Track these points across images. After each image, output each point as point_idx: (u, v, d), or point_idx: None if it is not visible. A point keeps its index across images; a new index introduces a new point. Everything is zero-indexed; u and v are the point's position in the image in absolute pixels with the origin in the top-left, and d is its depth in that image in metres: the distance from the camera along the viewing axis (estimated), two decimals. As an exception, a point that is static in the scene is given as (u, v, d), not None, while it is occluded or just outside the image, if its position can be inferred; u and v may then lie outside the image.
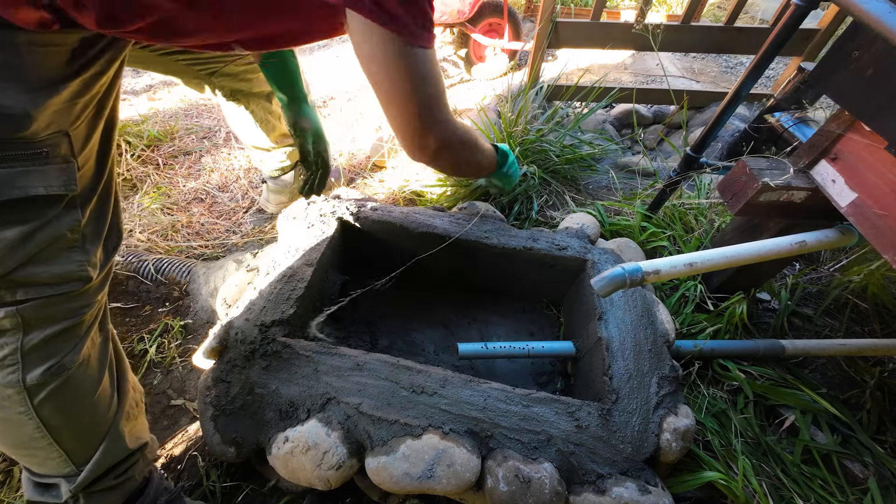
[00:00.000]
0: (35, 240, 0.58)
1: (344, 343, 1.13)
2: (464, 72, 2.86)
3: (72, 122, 0.59)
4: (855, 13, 0.70)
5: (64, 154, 0.59)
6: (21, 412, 0.64)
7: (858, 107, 0.82)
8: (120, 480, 0.76)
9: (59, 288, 0.62)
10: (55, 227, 0.60)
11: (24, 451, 0.69)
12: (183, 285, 1.32)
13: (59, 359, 0.65)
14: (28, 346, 0.62)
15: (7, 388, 0.63)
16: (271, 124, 1.34)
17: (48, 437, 0.67)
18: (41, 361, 0.64)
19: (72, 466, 0.71)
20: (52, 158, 0.57)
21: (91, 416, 0.72)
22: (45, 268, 0.60)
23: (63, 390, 0.67)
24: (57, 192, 0.58)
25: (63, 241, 0.61)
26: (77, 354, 0.67)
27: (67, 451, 0.70)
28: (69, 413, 0.69)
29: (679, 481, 0.92)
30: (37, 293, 0.60)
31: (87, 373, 0.70)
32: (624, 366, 0.93)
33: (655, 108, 2.53)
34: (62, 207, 0.60)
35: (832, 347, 1.11)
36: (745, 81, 1.14)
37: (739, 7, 1.99)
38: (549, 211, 1.61)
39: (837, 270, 1.39)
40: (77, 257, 0.63)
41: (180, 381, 1.14)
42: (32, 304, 0.60)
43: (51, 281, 0.61)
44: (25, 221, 0.57)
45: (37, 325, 0.62)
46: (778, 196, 0.95)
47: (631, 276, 0.84)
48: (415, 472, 0.76)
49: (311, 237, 1.12)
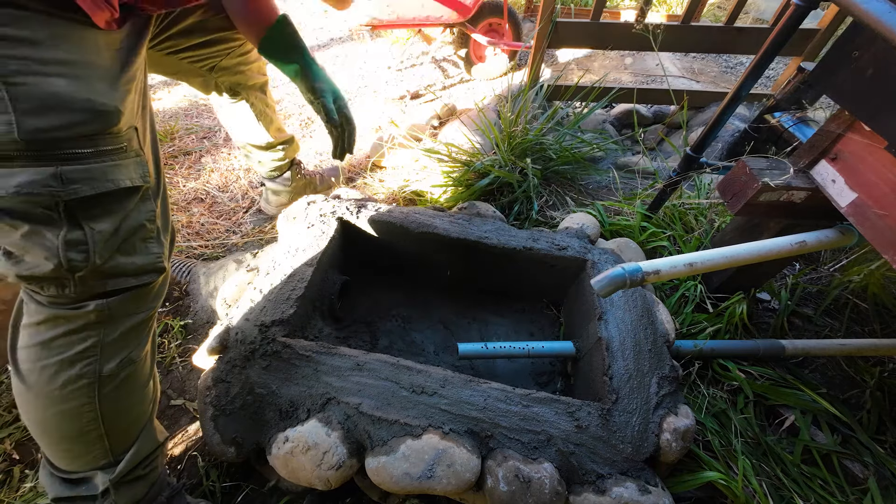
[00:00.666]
0: (122, 230, 0.61)
1: (344, 343, 1.13)
2: (464, 72, 2.86)
3: (136, 115, 0.62)
4: (855, 13, 0.70)
5: (136, 147, 0.62)
6: (84, 403, 0.66)
7: (858, 107, 0.82)
8: (148, 470, 0.78)
9: (141, 279, 0.66)
10: (135, 217, 0.63)
11: (66, 445, 0.70)
12: (183, 285, 1.32)
13: (130, 352, 0.69)
14: (108, 338, 0.65)
15: (82, 379, 0.65)
16: (269, 117, 1.35)
17: (101, 428, 0.69)
18: (116, 354, 0.67)
19: (110, 458, 0.73)
20: (129, 152, 0.61)
21: (140, 408, 0.75)
22: (130, 259, 0.63)
23: (126, 383, 0.70)
24: (137, 184, 0.62)
25: (143, 231, 0.65)
26: (143, 349, 0.71)
27: (111, 442, 0.72)
28: (123, 405, 0.72)
29: (679, 481, 0.92)
30: (123, 284, 0.64)
31: (144, 367, 0.74)
32: (624, 366, 0.93)
33: (655, 108, 2.53)
34: (139, 199, 0.63)
35: (832, 347, 1.11)
36: (745, 81, 1.14)
37: (739, 7, 1.99)
38: (549, 211, 1.61)
39: (837, 270, 1.39)
40: (154, 249, 0.67)
41: (180, 381, 1.14)
42: (118, 298, 0.64)
43: (134, 272, 0.64)
44: (114, 213, 0.60)
45: (119, 319, 0.66)
46: (778, 196, 0.95)
47: (631, 276, 0.84)
48: (415, 472, 0.76)
49: (311, 237, 1.12)
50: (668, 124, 2.41)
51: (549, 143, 1.73)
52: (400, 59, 2.96)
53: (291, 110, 2.33)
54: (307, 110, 2.33)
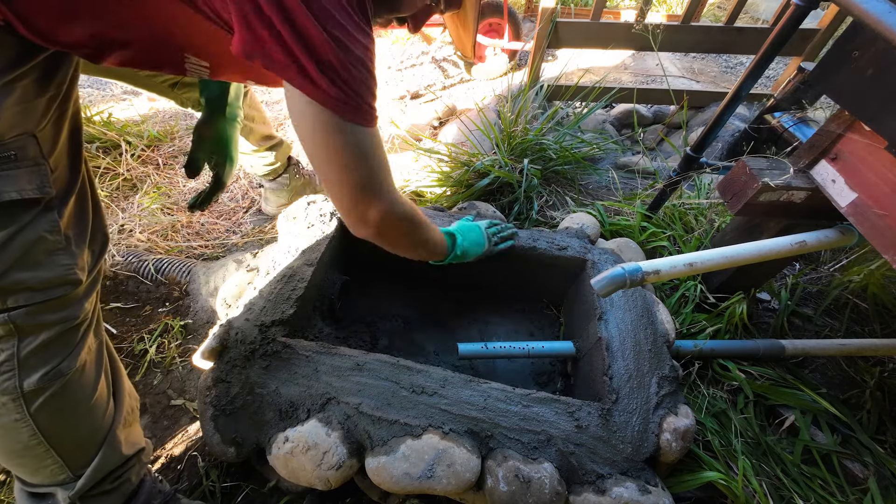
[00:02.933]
0: (14, 245, 0.57)
1: (344, 343, 1.13)
2: (464, 72, 2.86)
3: (36, 123, 0.57)
4: (855, 13, 0.70)
5: (33, 156, 0.57)
6: (16, 419, 0.64)
7: (858, 107, 0.82)
8: (116, 484, 0.76)
9: (49, 293, 0.62)
10: (32, 230, 0.59)
11: (18, 460, 0.69)
12: (183, 285, 1.32)
13: (56, 364, 0.65)
14: (24, 352, 0.62)
15: (3, 396, 0.62)
16: (248, 128, 1.31)
17: (45, 444, 0.67)
18: (38, 367, 0.63)
19: (67, 473, 0.71)
20: (21, 161, 0.56)
21: (88, 422, 0.72)
22: (32, 273, 0.59)
23: (60, 396, 0.66)
24: (31, 196, 0.57)
25: (44, 243, 0.60)
26: (74, 360, 0.67)
27: (64, 457, 0.69)
28: (66, 419, 0.68)
29: (679, 481, 0.92)
30: (27, 299, 0.60)
31: (83, 379, 0.70)
32: (624, 366, 0.93)
33: (655, 108, 2.53)
34: (39, 211, 0.59)
35: (832, 347, 1.11)
36: (745, 81, 1.14)
37: (739, 7, 1.99)
38: (549, 211, 1.61)
39: (837, 270, 1.39)
40: (63, 260, 0.62)
41: (180, 381, 1.14)
42: (24, 311, 0.60)
43: (40, 286, 0.60)
44: (2, 227, 0.56)
45: (31, 332, 0.62)
46: (778, 196, 0.95)
47: (631, 276, 0.84)
48: (415, 472, 0.76)
49: (311, 237, 1.12)
50: (668, 124, 2.41)
51: (549, 143, 1.73)
52: (400, 59, 2.96)
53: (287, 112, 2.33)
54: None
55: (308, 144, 0.64)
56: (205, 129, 0.98)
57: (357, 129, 0.63)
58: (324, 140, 0.62)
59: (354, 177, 0.66)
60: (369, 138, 0.65)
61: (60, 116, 0.62)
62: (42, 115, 0.58)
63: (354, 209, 0.70)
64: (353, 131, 0.62)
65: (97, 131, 1.75)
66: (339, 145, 0.63)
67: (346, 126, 0.61)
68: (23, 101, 0.55)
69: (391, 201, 0.72)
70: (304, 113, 0.61)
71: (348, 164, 0.65)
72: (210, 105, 0.98)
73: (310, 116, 0.60)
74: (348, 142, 0.63)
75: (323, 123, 0.61)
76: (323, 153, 0.64)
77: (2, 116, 0.53)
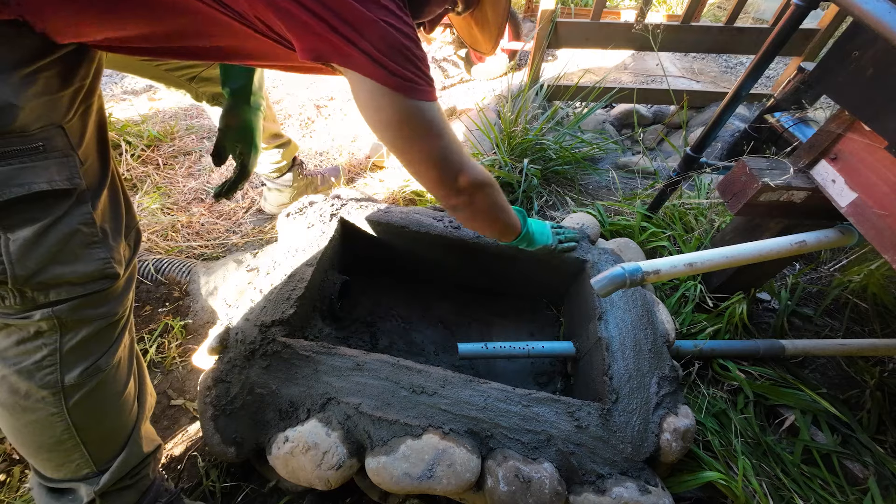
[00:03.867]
0: (50, 237, 0.58)
1: (344, 343, 1.13)
2: (464, 72, 2.86)
3: (62, 115, 0.58)
4: (855, 13, 0.70)
5: (61, 147, 0.58)
6: (53, 413, 0.65)
7: (858, 107, 0.82)
8: (135, 480, 0.77)
9: (89, 286, 0.63)
10: (67, 222, 0.59)
11: (46, 455, 0.69)
12: (183, 285, 1.32)
13: (95, 360, 0.66)
14: (66, 347, 0.63)
15: (43, 390, 0.63)
16: None
17: (76, 437, 0.68)
18: (79, 362, 0.65)
19: (92, 468, 0.71)
20: (50, 152, 0.57)
21: (117, 418, 0.73)
22: (71, 267, 0.60)
23: (96, 392, 0.68)
24: (62, 187, 0.58)
25: (80, 236, 0.61)
26: (112, 356, 0.69)
27: (91, 452, 0.70)
28: (99, 415, 0.70)
29: (679, 481, 0.92)
30: (68, 293, 0.61)
31: (118, 375, 0.71)
32: (624, 366, 0.93)
33: (655, 108, 2.53)
34: (72, 203, 0.60)
35: (832, 347, 1.11)
36: (745, 81, 1.14)
37: (739, 7, 1.99)
38: (549, 211, 1.61)
39: (837, 270, 1.39)
40: (100, 254, 0.63)
41: (180, 381, 1.14)
42: (67, 306, 0.61)
43: (79, 280, 0.62)
44: (36, 220, 0.57)
45: (73, 327, 0.63)
46: (778, 196, 0.95)
47: (631, 275, 0.84)
48: (415, 472, 0.76)
49: (311, 237, 1.12)
50: (668, 124, 2.41)
51: (549, 143, 1.73)
52: (400, 59, 2.95)
53: (291, 110, 2.33)
54: (307, 110, 2.33)
55: (386, 133, 0.66)
56: (230, 117, 1.00)
57: (425, 105, 0.64)
58: (400, 123, 0.64)
59: (437, 150, 0.69)
60: (437, 112, 0.67)
61: (87, 110, 0.63)
62: (68, 107, 0.59)
63: (445, 180, 0.73)
64: (425, 108, 0.64)
65: (97, 131, 1.75)
66: (416, 124, 0.65)
67: (417, 105, 0.63)
68: (46, 93, 0.56)
69: (473, 165, 0.75)
70: (379, 105, 0.62)
71: (429, 140, 0.67)
72: (234, 94, 0.99)
73: (386, 106, 0.62)
74: (424, 119, 0.65)
75: (398, 108, 0.62)
76: (404, 136, 0.66)
77: (25, 107, 0.54)
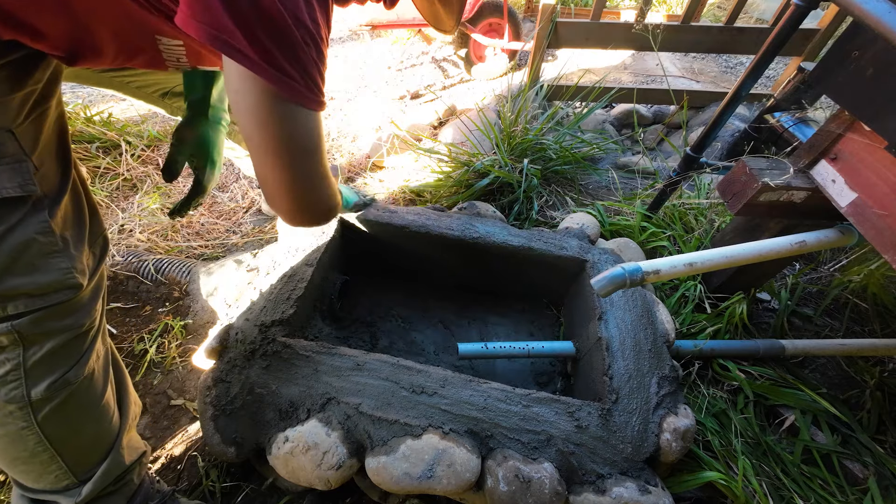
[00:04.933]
0: (2, 248, 0.55)
1: (344, 343, 1.13)
2: (464, 72, 2.86)
3: (12, 119, 0.55)
4: (855, 13, 0.70)
5: (12, 153, 0.55)
6: (23, 427, 0.63)
7: (858, 107, 0.82)
8: (119, 486, 0.77)
9: (49, 298, 0.60)
10: (21, 231, 0.56)
11: (22, 467, 0.68)
12: (183, 285, 1.32)
13: (63, 373, 0.64)
14: (30, 361, 0.61)
15: (9, 405, 0.61)
16: (240, 135, 1.29)
17: (50, 450, 0.66)
18: (45, 376, 0.62)
19: (71, 479, 0.70)
20: (0, 158, 0.53)
21: (95, 429, 0.71)
22: (29, 278, 0.57)
23: (68, 404, 0.66)
24: (14, 194, 0.54)
25: (37, 246, 0.58)
26: (82, 368, 0.66)
27: (69, 464, 0.69)
28: (73, 427, 0.68)
29: (679, 481, 0.92)
30: (27, 305, 0.58)
31: (91, 387, 0.69)
32: (624, 366, 0.93)
33: (655, 108, 2.53)
34: (27, 211, 0.56)
35: (832, 347, 1.11)
36: (745, 81, 1.14)
37: (739, 7, 1.99)
38: (549, 211, 1.61)
39: (837, 270, 1.39)
40: (61, 264, 0.60)
41: (180, 381, 1.13)
42: (28, 319, 0.59)
43: (39, 291, 0.59)
44: None
45: (36, 340, 0.61)
46: (778, 196, 0.95)
47: (631, 276, 0.84)
48: (415, 472, 0.76)
49: (311, 237, 1.12)
50: (668, 124, 2.41)
51: (549, 143, 1.73)
52: (400, 59, 2.96)
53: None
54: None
55: (248, 125, 0.58)
56: (186, 131, 0.94)
57: (301, 111, 0.58)
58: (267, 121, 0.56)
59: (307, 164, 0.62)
60: (317, 123, 0.60)
61: (42, 115, 0.60)
62: (17, 110, 0.56)
63: (304, 197, 0.66)
64: (302, 115, 0.58)
65: (97, 131, 1.75)
66: (289, 130, 0.57)
67: (297, 110, 0.57)
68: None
69: (331, 185, 0.70)
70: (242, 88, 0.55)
71: (289, 148, 0.59)
72: (192, 107, 0.94)
73: (249, 92, 0.54)
74: (299, 126, 0.58)
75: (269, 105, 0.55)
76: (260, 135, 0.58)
77: None
